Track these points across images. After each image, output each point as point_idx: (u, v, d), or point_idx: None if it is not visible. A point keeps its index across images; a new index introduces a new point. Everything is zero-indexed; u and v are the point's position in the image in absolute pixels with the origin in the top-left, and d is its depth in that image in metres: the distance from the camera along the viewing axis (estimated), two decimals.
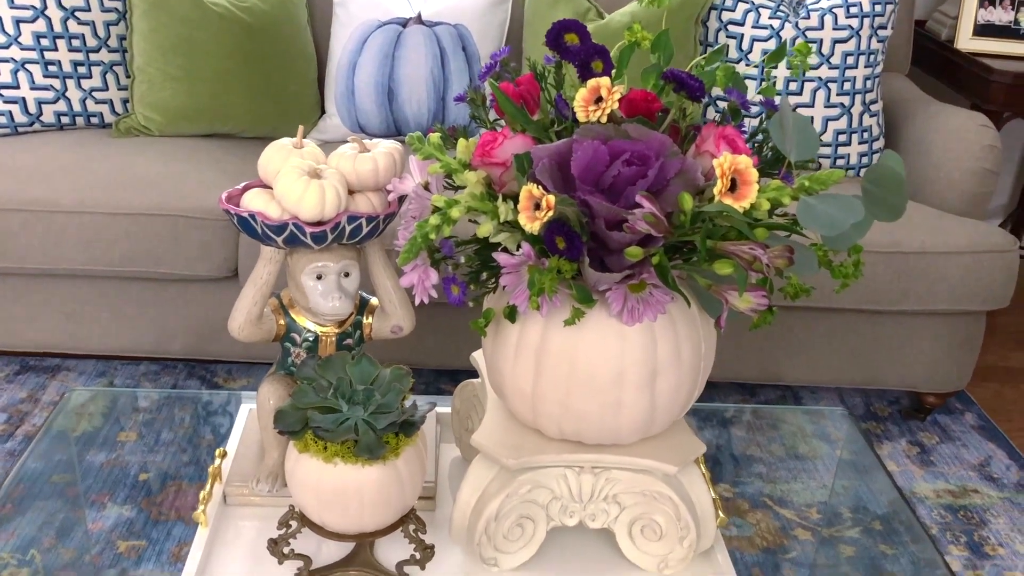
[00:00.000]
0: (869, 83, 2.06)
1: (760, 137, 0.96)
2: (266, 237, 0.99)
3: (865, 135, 2.07)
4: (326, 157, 1.04)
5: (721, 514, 1.00)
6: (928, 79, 2.48)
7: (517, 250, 0.87)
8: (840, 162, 2.07)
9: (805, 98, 2.05)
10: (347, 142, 1.05)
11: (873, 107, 2.08)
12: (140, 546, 1.68)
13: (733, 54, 2.07)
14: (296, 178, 0.96)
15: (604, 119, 0.87)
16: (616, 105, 0.87)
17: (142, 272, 1.87)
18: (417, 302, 0.93)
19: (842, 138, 2.06)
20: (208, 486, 1.02)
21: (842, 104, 2.05)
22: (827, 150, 2.07)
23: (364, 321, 1.09)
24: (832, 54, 2.03)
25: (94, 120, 2.10)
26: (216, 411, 1.77)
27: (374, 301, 1.10)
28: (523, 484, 0.94)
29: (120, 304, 1.94)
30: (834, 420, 1.64)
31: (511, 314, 0.90)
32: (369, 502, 0.87)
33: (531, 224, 0.78)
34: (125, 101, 2.12)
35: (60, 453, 1.47)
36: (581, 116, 0.88)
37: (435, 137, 0.91)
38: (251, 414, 1.16)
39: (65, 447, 1.50)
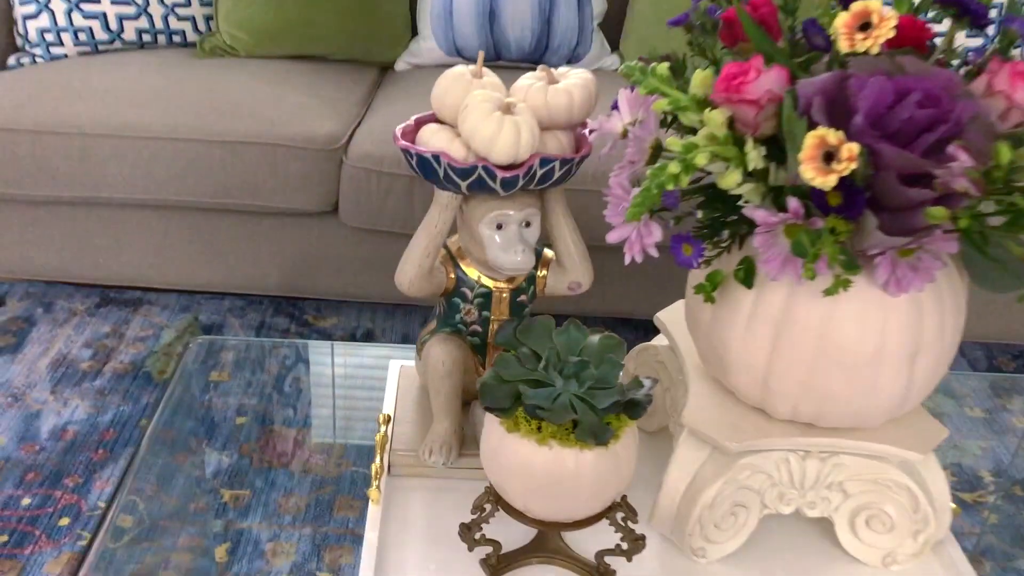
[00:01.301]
0: None
1: None
2: (447, 180, 0.86)
3: None
4: (507, 89, 0.91)
5: (955, 504, 0.89)
6: None
7: (762, 203, 0.75)
8: None
9: None
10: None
11: None
12: (245, 495, 1.60)
13: None
14: (487, 114, 0.83)
15: (876, 50, 0.73)
16: (891, 34, 0.73)
17: (237, 204, 1.75)
18: (628, 260, 0.81)
19: None
20: (377, 458, 0.91)
21: None
22: None
23: (538, 275, 0.97)
24: None
25: (176, 39, 1.96)
26: (319, 358, 1.67)
27: (548, 253, 0.97)
28: (742, 469, 0.83)
29: (211, 237, 1.82)
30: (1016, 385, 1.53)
31: (747, 278, 0.78)
32: (586, 489, 0.76)
33: (823, 178, 0.65)
34: (208, 18, 1.98)
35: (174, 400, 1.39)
36: (844, 46, 0.74)
37: (663, 67, 0.78)
38: (402, 373, 1.05)
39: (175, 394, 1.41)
